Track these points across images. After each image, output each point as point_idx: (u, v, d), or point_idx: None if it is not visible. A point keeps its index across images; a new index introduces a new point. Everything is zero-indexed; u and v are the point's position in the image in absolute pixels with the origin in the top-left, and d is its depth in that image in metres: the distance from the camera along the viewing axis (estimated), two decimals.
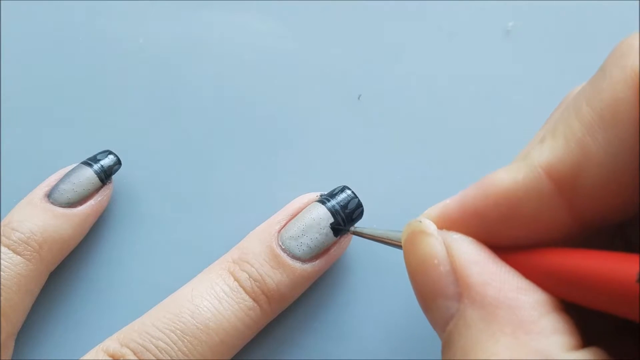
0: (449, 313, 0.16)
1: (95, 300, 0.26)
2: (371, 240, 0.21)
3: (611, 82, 0.15)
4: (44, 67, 0.29)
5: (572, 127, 0.15)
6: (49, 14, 0.30)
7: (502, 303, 0.15)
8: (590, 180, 0.15)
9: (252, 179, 0.27)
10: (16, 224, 0.24)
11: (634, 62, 0.14)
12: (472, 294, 0.15)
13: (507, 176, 0.16)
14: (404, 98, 0.27)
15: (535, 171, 0.15)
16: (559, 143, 0.15)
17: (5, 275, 0.23)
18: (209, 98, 0.28)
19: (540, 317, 0.15)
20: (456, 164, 0.26)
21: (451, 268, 0.16)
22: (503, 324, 0.15)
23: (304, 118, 0.28)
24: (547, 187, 0.15)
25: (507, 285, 0.15)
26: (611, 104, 0.14)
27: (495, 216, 0.16)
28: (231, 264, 0.23)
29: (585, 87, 0.16)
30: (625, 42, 0.15)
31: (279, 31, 0.29)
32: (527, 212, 0.16)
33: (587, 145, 0.15)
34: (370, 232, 0.21)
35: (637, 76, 0.14)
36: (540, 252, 0.16)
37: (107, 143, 0.27)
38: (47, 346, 0.25)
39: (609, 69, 0.15)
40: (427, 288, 0.17)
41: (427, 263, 0.16)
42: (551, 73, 0.27)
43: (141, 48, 0.29)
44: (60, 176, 0.25)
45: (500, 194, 0.16)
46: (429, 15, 0.28)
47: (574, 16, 0.28)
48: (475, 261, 0.16)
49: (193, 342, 0.21)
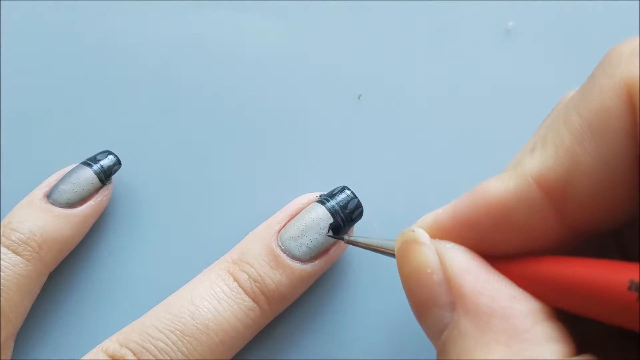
0: (443, 322, 0.16)
1: (95, 300, 0.26)
2: (365, 249, 0.21)
3: (600, 90, 0.14)
4: (44, 67, 0.29)
5: (562, 136, 0.15)
6: (49, 14, 0.30)
7: (496, 312, 0.15)
8: (581, 189, 0.15)
9: (252, 179, 0.27)
10: (16, 225, 0.24)
11: (623, 70, 0.14)
12: (466, 303, 0.15)
13: (498, 185, 0.16)
14: (404, 98, 0.27)
15: (526, 180, 0.15)
16: (549, 152, 0.15)
17: (5, 275, 0.23)
18: (209, 98, 0.28)
19: (533, 326, 0.15)
20: (456, 164, 0.26)
21: (444, 277, 0.16)
22: (497, 333, 0.15)
23: (304, 118, 0.28)
24: (538, 196, 0.15)
25: (501, 294, 0.15)
26: (600, 112, 0.14)
27: (488, 225, 0.16)
28: (231, 264, 0.23)
29: (575, 95, 0.16)
30: (614, 50, 0.15)
31: (279, 31, 0.29)
32: (518, 221, 0.16)
33: (576, 154, 0.15)
34: (365, 241, 0.21)
35: (625, 85, 0.14)
36: (533, 260, 0.16)
37: (107, 143, 0.27)
38: (47, 346, 0.25)
39: (598, 77, 0.15)
40: (420, 297, 0.17)
41: (420, 272, 0.17)
42: (551, 73, 0.27)
43: (141, 48, 0.29)
44: (60, 176, 0.25)
45: (492, 203, 0.16)
46: (429, 15, 0.28)
47: (574, 16, 0.28)
48: (468, 270, 0.16)
49: (193, 343, 0.21)
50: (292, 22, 0.29)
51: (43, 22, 0.29)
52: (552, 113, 0.19)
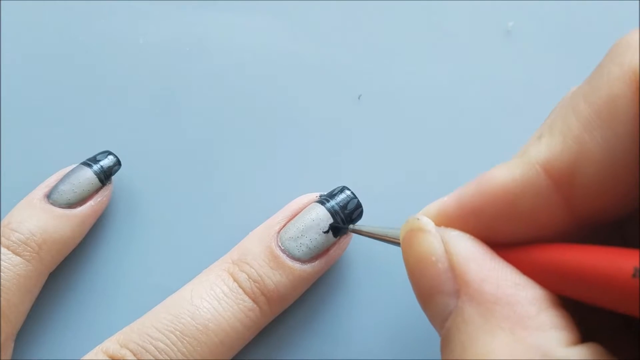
0: (448, 310, 0.16)
1: (95, 300, 0.26)
2: (370, 238, 0.21)
3: (609, 79, 0.15)
4: (44, 67, 0.29)
5: (570, 124, 0.15)
6: (49, 14, 0.30)
7: (500, 299, 0.15)
8: (588, 177, 0.15)
9: (251, 179, 0.27)
10: (16, 225, 0.24)
11: (632, 59, 0.14)
12: (470, 291, 0.15)
13: (504, 173, 0.16)
14: (404, 98, 0.27)
15: (533, 168, 0.15)
16: (556, 140, 0.15)
17: (4, 275, 0.23)
18: (208, 98, 0.28)
19: (538, 313, 0.15)
20: (456, 164, 0.26)
21: (449, 265, 0.16)
22: (501, 320, 0.15)
23: (304, 118, 0.28)
24: (545, 184, 0.15)
25: (505, 282, 0.15)
26: (608, 101, 0.14)
27: (493, 213, 0.16)
28: (230, 264, 0.23)
29: (583, 84, 0.16)
30: (623, 40, 0.15)
31: (279, 31, 0.29)
32: (524, 208, 0.16)
33: (584, 142, 0.15)
34: (369, 230, 0.21)
35: (634, 73, 0.14)
36: (538, 248, 0.16)
37: (107, 143, 0.27)
38: (47, 346, 0.25)
39: (606, 66, 0.15)
40: (425, 285, 0.17)
41: (425, 260, 0.17)
42: (551, 73, 0.27)
43: (141, 48, 0.29)
44: (60, 177, 0.25)
45: (498, 190, 0.16)
46: (429, 15, 0.28)
47: (574, 16, 0.28)
48: (472, 258, 0.16)
49: (192, 343, 0.21)
50: (292, 22, 0.29)
51: (43, 21, 0.29)
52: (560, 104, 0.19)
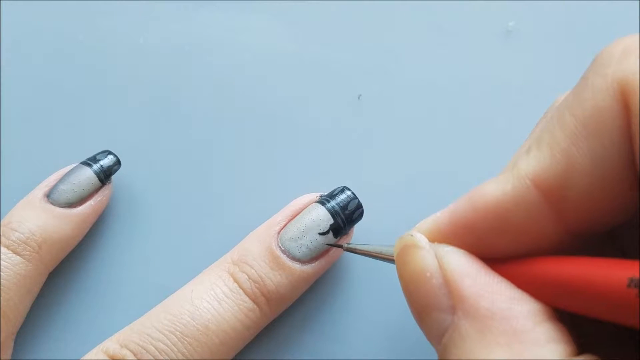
0: (444, 326, 0.16)
1: (95, 300, 0.26)
2: (365, 256, 0.21)
3: (593, 91, 0.15)
4: (44, 67, 0.29)
5: (557, 137, 0.15)
6: (49, 14, 0.30)
7: (496, 314, 0.15)
8: (577, 189, 0.15)
9: (252, 179, 0.27)
10: (16, 224, 0.24)
11: (615, 70, 0.14)
12: (466, 306, 0.15)
13: (495, 188, 0.16)
14: (404, 98, 0.27)
15: (523, 182, 0.15)
16: (544, 153, 0.15)
17: (4, 275, 0.23)
18: (208, 98, 0.28)
19: (534, 327, 0.15)
20: (456, 164, 0.26)
21: (444, 280, 0.16)
22: (497, 335, 0.15)
23: (304, 118, 0.28)
24: (535, 198, 0.15)
25: (500, 296, 0.15)
26: (594, 113, 0.14)
27: (486, 228, 0.16)
28: (231, 265, 0.23)
29: (568, 96, 0.16)
30: (605, 51, 0.15)
31: (279, 31, 0.29)
32: (516, 222, 0.16)
33: (572, 155, 0.15)
34: (363, 249, 0.21)
35: (618, 84, 0.14)
36: (531, 261, 0.16)
37: (107, 143, 0.27)
38: (47, 346, 0.25)
39: (590, 77, 0.15)
40: (420, 301, 0.17)
41: (419, 276, 0.17)
42: (551, 73, 0.27)
43: (141, 48, 0.29)
44: (60, 176, 0.25)
45: (489, 205, 0.16)
46: (429, 15, 0.28)
47: (574, 16, 0.28)
48: (467, 273, 0.16)
49: (192, 344, 0.21)
50: (292, 22, 0.29)
51: (43, 21, 0.29)
52: (545, 115, 0.19)
